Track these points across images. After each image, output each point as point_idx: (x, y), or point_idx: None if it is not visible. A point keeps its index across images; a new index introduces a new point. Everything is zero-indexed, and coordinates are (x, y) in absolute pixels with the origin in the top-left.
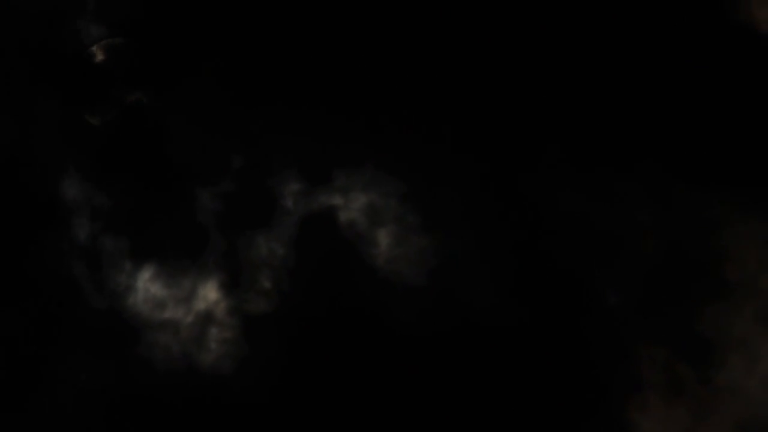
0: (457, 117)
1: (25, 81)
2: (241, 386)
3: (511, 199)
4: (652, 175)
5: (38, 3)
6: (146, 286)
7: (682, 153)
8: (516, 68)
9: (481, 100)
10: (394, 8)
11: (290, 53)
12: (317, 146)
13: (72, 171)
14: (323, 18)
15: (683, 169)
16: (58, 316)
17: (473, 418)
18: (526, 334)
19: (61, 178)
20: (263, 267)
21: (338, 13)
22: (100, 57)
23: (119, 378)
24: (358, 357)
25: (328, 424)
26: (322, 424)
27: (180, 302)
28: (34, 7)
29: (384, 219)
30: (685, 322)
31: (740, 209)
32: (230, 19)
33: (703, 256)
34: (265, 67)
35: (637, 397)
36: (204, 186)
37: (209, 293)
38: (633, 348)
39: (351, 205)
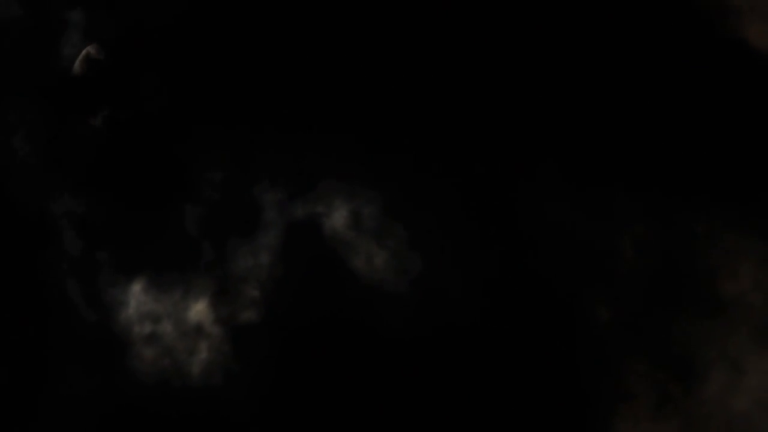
0: (445, 129)
1: (13, 96)
2: (230, 394)
3: (499, 211)
4: (645, 190)
5: (22, 19)
6: (136, 298)
7: (676, 168)
8: (508, 79)
9: (471, 112)
10: (382, 20)
11: (274, 66)
12: (301, 158)
13: (61, 186)
14: (308, 29)
15: (676, 184)
16: (49, 329)
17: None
18: (515, 347)
19: (50, 193)
20: (250, 277)
21: (324, 24)
22: (84, 71)
23: (111, 389)
24: (344, 362)
25: (318, 430)
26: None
27: (170, 314)
28: (18, 23)
29: (368, 228)
30: (676, 336)
31: (733, 225)
32: (215, 31)
33: (695, 271)
34: (249, 80)
35: (626, 411)
36: (190, 199)
37: (198, 304)
38: (622, 362)
39: (335, 214)
